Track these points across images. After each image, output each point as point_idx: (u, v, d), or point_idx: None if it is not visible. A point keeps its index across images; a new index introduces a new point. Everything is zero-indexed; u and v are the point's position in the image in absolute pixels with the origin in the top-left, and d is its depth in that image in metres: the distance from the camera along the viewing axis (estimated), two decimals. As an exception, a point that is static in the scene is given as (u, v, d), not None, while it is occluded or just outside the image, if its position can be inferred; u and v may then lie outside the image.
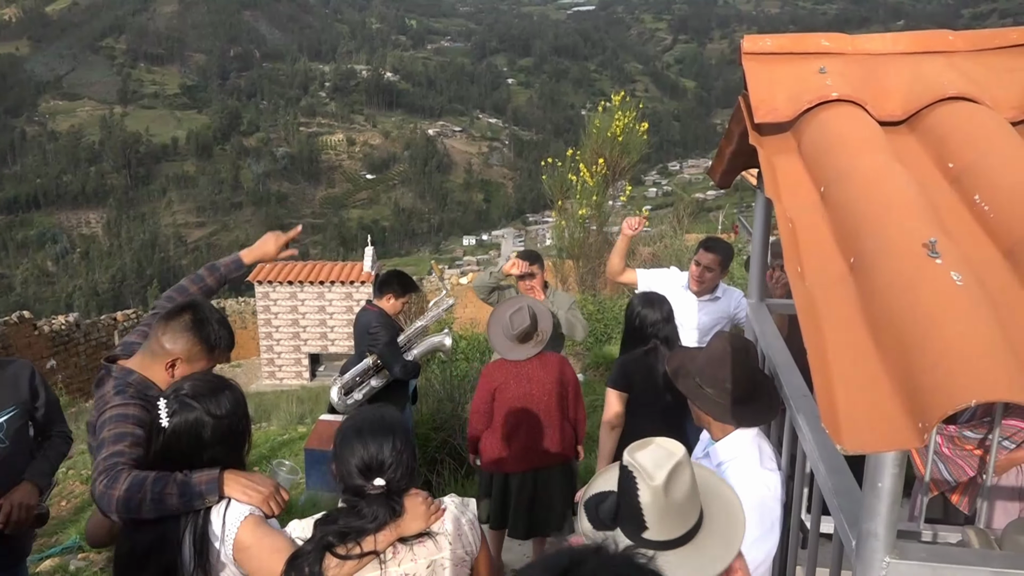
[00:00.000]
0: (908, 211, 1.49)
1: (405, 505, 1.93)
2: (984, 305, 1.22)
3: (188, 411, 2.00)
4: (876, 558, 1.45)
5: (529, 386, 3.85)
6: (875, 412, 1.18)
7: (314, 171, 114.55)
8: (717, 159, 2.99)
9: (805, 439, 2.08)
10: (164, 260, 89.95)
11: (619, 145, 12.85)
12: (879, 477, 1.43)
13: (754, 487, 2.31)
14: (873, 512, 1.44)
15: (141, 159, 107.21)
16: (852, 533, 1.56)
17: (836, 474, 1.81)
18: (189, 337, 2.36)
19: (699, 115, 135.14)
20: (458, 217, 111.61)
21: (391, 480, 1.89)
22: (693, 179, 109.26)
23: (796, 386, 2.35)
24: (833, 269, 1.49)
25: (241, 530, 1.96)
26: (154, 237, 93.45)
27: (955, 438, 3.13)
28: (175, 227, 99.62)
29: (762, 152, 1.94)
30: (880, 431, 1.15)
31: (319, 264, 15.84)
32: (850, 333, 1.33)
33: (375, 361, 4.64)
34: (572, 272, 12.88)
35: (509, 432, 3.89)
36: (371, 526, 1.88)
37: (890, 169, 1.64)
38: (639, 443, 1.59)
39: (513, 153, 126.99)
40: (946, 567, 1.45)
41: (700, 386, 2.45)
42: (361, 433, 1.92)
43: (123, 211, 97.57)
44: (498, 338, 3.92)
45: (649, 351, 3.64)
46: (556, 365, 3.95)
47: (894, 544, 1.46)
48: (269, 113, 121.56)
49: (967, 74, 1.97)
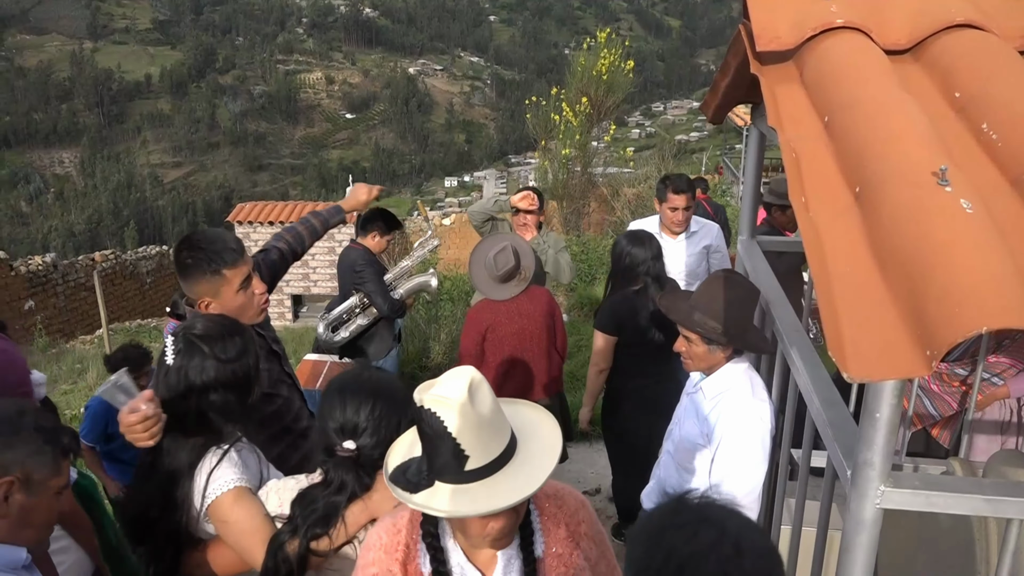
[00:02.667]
0: (916, 140, 1.46)
1: (378, 482, 1.81)
2: (994, 233, 1.21)
3: (194, 351, 1.94)
4: (871, 487, 1.46)
5: (523, 322, 3.84)
6: (882, 341, 1.17)
7: (292, 110, 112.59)
8: (711, 93, 2.94)
9: (798, 372, 2.09)
10: (141, 201, 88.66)
11: (604, 84, 12.68)
12: (877, 407, 1.43)
13: (748, 418, 2.33)
14: (870, 442, 1.45)
15: (114, 97, 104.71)
16: (847, 463, 1.57)
17: (831, 406, 1.81)
18: (197, 275, 2.32)
19: (683, 55, 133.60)
20: (439, 158, 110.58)
21: (363, 447, 1.78)
22: (677, 120, 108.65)
23: (788, 320, 2.35)
24: (838, 199, 1.47)
25: (222, 501, 1.89)
26: (130, 177, 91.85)
27: (944, 375, 3.18)
28: (151, 167, 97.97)
29: (764, 81, 1.89)
30: (887, 359, 1.15)
31: (300, 204, 15.64)
32: (856, 263, 1.31)
33: (361, 299, 4.61)
34: (556, 213, 12.83)
35: (506, 371, 3.89)
36: (339, 498, 1.78)
37: (896, 98, 1.61)
38: (423, 385, 1.50)
39: (495, 93, 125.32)
40: (939, 495, 1.47)
41: (696, 311, 2.43)
42: (343, 391, 1.82)
43: (97, 150, 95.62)
44: (481, 278, 3.87)
45: (639, 291, 3.63)
46: (544, 297, 3.94)
47: (889, 473, 1.47)
48: (245, 50, 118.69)
49: (974, 1, 1.93)
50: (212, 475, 1.91)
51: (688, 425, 2.57)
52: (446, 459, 1.44)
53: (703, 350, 2.46)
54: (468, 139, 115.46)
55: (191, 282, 2.33)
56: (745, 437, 2.33)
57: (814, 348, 2.20)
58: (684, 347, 2.51)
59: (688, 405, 2.63)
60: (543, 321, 3.88)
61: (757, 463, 2.32)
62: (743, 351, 2.48)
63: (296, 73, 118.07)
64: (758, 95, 2.39)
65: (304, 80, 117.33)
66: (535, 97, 13.26)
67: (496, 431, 1.47)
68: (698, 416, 2.52)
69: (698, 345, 2.46)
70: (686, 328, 2.47)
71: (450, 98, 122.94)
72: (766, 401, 2.40)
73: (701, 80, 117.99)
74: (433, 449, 1.45)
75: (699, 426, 2.51)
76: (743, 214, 3.14)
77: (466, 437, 1.42)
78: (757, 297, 2.52)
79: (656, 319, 3.55)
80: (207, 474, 1.91)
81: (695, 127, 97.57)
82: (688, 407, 2.62)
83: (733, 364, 2.45)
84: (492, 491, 1.43)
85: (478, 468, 1.44)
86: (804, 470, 2.35)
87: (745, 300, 2.45)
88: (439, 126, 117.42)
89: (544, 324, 3.88)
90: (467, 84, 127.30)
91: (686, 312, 2.47)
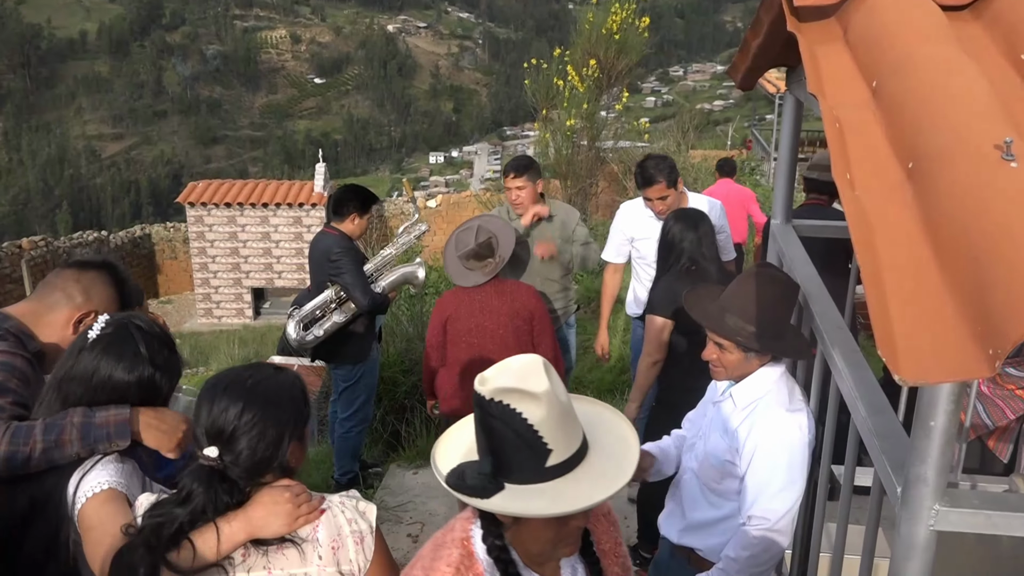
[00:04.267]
0: (977, 108, 1.47)
1: (258, 497, 1.78)
2: (1066, 214, 1.22)
3: (128, 341, 1.98)
4: (924, 505, 1.48)
5: (481, 317, 3.85)
6: (938, 337, 1.19)
7: (252, 74, 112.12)
8: (740, 54, 2.96)
9: (841, 376, 2.11)
10: (75, 178, 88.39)
11: (615, 44, 12.66)
12: (931, 415, 1.45)
13: (785, 428, 2.35)
14: (923, 455, 1.47)
15: (43, 57, 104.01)
16: (897, 479, 1.59)
17: (878, 414, 1.84)
18: (112, 293, 2.38)
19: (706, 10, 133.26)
20: (423, 130, 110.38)
21: (229, 457, 1.74)
22: (698, 87, 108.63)
23: (830, 317, 2.37)
24: (888, 175, 1.48)
25: (88, 506, 1.88)
26: (62, 151, 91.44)
27: (996, 376, 3.20)
28: (87, 139, 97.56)
29: (803, 41, 1.90)
30: (944, 359, 1.16)
31: (261, 183, 15.65)
32: (909, 248, 1.33)
33: (338, 292, 4.62)
34: (559, 193, 12.83)
35: (462, 370, 3.91)
36: (179, 511, 1.72)
37: (955, 60, 1.62)
38: (483, 376, 1.53)
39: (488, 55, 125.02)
40: (1002, 515, 1.49)
41: (728, 314, 2.45)
42: (216, 388, 1.79)
43: (23, 120, 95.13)
44: (449, 258, 3.94)
45: (690, 270, 3.64)
46: (514, 293, 3.93)
47: (944, 491, 1.49)
48: (196, 3, 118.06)
49: (1044, -50, 1.94)
50: (83, 480, 1.92)
51: (714, 439, 2.58)
52: (523, 457, 1.49)
53: (738, 358, 2.47)
54: (456, 108, 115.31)
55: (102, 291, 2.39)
56: (781, 451, 2.35)
57: (858, 348, 2.22)
58: (716, 354, 2.52)
59: (715, 416, 2.64)
60: (509, 321, 3.87)
61: (793, 481, 2.34)
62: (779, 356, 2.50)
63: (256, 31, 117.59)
64: (795, 57, 2.40)
65: (265, 39, 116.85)
66: (535, 59, 13.24)
67: (574, 420, 1.55)
68: (726, 429, 2.53)
69: (732, 353, 2.47)
70: (719, 335, 2.49)
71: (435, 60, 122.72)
72: (804, 411, 2.42)
73: (727, 40, 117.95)
74: (504, 447, 1.50)
75: (727, 440, 2.52)
76: (777, 194, 3.16)
77: (550, 429, 1.48)
78: (796, 294, 2.54)
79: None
80: (77, 480, 1.93)
81: (719, 94, 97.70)
82: (715, 418, 2.63)
83: (767, 368, 2.46)
84: (577, 487, 1.51)
85: (559, 463, 1.50)
86: (847, 488, 2.37)
87: (784, 299, 2.47)
88: (423, 93, 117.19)
89: (510, 324, 3.87)
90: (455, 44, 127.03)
91: (716, 315, 2.48)
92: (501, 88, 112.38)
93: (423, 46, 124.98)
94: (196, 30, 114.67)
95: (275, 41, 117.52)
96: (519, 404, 1.46)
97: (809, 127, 16.45)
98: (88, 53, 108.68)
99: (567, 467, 1.51)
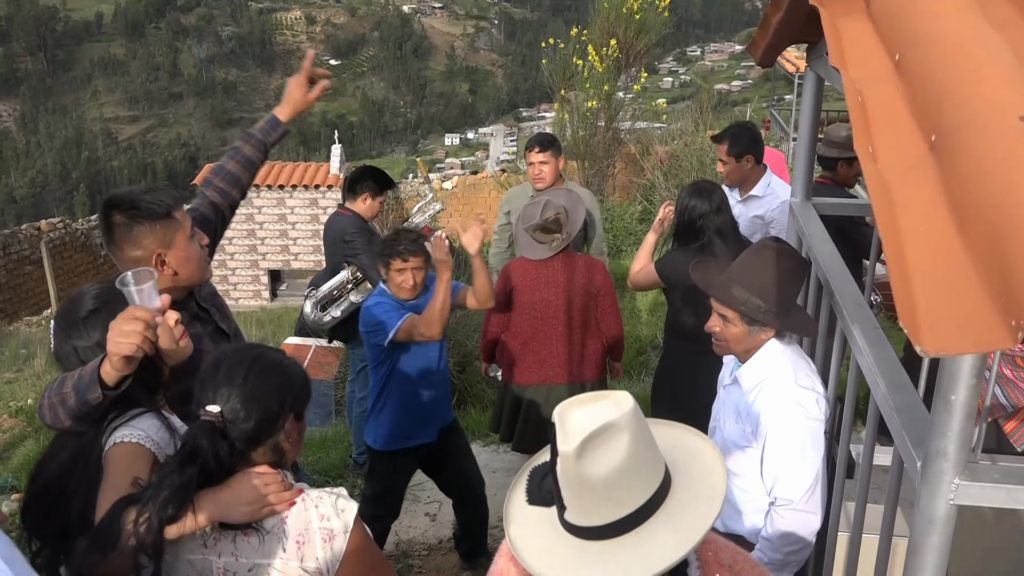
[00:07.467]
0: (1002, 80, 1.46)
1: (231, 480, 1.76)
2: (1091, 187, 1.22)
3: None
4: (944, 480, 1.49)
5: (546, 291, 3.92)
6: (960, 309, 1.19)
7: (267, 56, 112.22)
8: (760, 30, 2.94)
9: (861, 352, 2.11)
10: (92, 161, 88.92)
11: (635, 23, 12.57)
12: (952, 389, 1.45)
13: (792, 408, 2.34)
14: (943, 428, 1.47)
15: (59, 39, 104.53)
16: (917, 454, 1.59)
17: (898, 390, 1.84)
18: (145, 225, 2.25)
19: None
20: (439, 112, 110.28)
21: (229, 415, 1.75)
22: (716, 67, 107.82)
23: (850, 294, 2.37)
24: (911, 148, 1.48)
25: (110, 453, 1.89)
26: (79, 134, 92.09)
27: (1017, 358, 3.19)
28: (103, 122, 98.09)
29: (825, 14, 1.89)
30: (966, 330, 1.16)
31: (277, 165, 15.65)
32: (931, 221, 1.33)
33: (354, 273, 4.65)
34: (576, 175, 12.80)
35: (524, 340, 4.01)
36: (191, 469, 1.70)
37: (980, 32, 1.61)
38: (580, 398, 1.43)
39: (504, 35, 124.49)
40: (1022, 489, 1.49)
41: (735, 284, 2.44)
42: (221, 358, 1.84)
43: (40, 102, 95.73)
44: (518, 229, 4.04)
45: (703, 246, 3.67)
46: (581, 269, 3.98)
47: (965, 465, 1.49)
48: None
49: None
50: (115, 431, 1.92)
51: (729, 426, 2.58)
52: (555, 493, 1.41)
53: (741, 331, 2.46)
54: (472, 89, 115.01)
55: (134, 240, 2.25)
56: (790, 430, 2.35)
57: (878, 325, 2.21)
58: (719, 326, 2.50)
59: (726, 401, 2.63)
60: (569, 296, 3.94)
61: (807, 459, 2.34)
62: (785, 332, 2.48)
63: (271, 12, 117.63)
64: (816, 32, 2.40)
65: (281, 20, 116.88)
66: (552, 39, 13.17)
67: (609, 502, 1.37)
68: (739, 413, 2.53)
69: (736, 325, 2.46)
70: (723, 305, 2.47)
71: (451, 41, 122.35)
72: (812, 389, 2.41)
73: (745, 19, 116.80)
74: (551, 471, 1.41)
75: (741, 424, 2.52)
76: (796, 172, 3.16)
77: (565, 489, 1.39)
78: (806, 271, 2.53)
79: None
80: (110, 432, 1.92)
81: (737, 75, 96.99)
82: (726, 403, 2.63)
83: (772, 344, 2.45)
84: (580, 557, 1.40)
85: (577, 526, 1.40)
86: (866, 465, 2.37)
87: (793, 275, 2.45)
88: (438, 74, 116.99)
89: (571, 299, 3.94)
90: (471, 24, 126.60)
91: (723, 285, 2.46)
92: (517, 69, 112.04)
93: (438, 27, 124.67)
94: (211, 12, 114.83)
95: (290, 22, 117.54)
96: (556, 443, 1.36)
97: (828, 107, 16.30)
98: (104, 35, 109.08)
99: (587, 533, 1.40)
